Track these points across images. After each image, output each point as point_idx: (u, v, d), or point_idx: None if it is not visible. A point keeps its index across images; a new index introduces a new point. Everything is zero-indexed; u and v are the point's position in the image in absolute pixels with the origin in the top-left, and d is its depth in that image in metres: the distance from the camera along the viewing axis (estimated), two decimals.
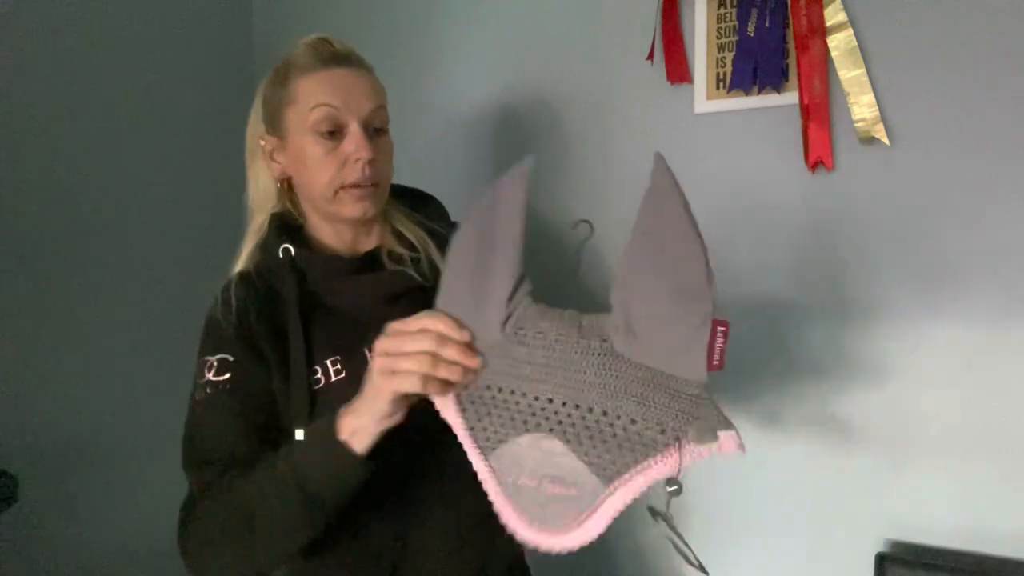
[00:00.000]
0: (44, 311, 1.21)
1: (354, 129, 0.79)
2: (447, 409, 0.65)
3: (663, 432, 0.56)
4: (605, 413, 0.58)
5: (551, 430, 0.60)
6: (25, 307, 1.19)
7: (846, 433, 1.06)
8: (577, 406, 0.59)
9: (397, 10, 1.41)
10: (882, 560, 0.99)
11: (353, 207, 0.81)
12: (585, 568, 1.30)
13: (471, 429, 0.63)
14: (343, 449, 0.66)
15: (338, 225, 0.85)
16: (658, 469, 0.56)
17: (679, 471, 0.56)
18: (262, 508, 0.70)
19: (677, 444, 0.55)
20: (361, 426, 0.66)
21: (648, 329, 0.57)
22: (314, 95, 0.78)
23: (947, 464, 1.00)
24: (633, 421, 0.57)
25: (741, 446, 0.55)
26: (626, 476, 0.56)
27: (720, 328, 0.55)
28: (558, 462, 0.59)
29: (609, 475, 0.57)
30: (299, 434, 0.75)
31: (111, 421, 1.30)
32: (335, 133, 0.79)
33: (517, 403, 0.61)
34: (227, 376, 0.78)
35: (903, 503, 1.03)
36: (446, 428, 0.66)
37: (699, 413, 0.55)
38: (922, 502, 1.02)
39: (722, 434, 0.54)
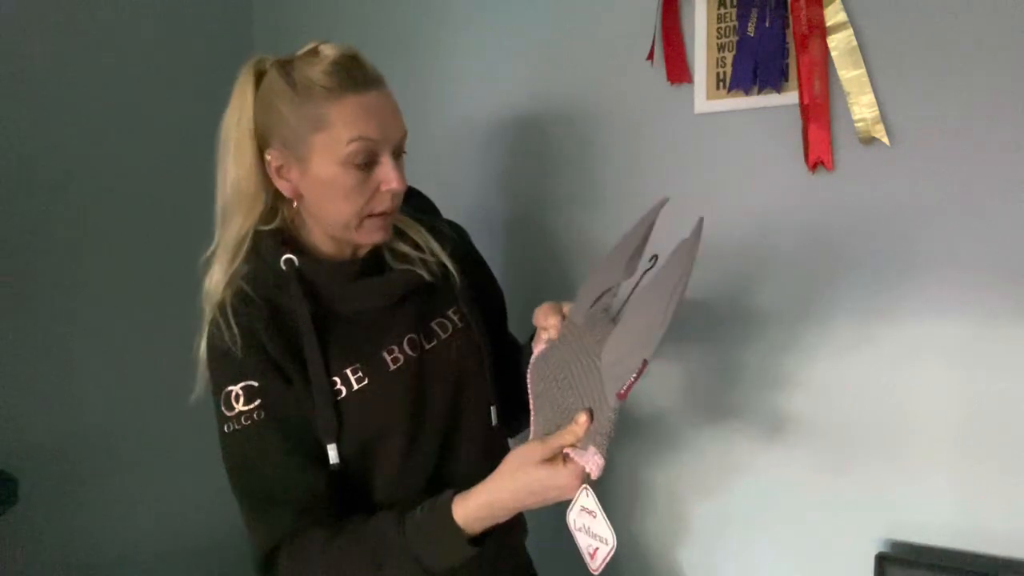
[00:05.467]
0: (44, 311, 1.21)
1: (387, 160, 0.76)
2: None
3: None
4: (565, 395, 0.75)
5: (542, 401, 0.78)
6: (25, 307, 1.19)
7: (846, 433, 1.06)
8: (558, 383, 0.76)
9: (395, 11, 1.41)
10: (882, 560, 0.99)
11: (374, 234, 0.80)
12: (585, 569, 1.30)
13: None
14: (466, 540, 0.72)
15: (336, 237, 0.83)
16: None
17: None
18: None
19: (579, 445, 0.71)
20: (501, 520, 0.74)
21: (612, 355, 0.71)
22: (351, 126, 0.73)
23: (947, 464, 1.00)
24: (567, 411, 0.73)
25: (598, 472, 0.68)
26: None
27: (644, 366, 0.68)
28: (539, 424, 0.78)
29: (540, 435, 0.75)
30: (331, 451, 0.76)
31: (111, 421, 1.31)
32: (368, 162, 0.76)
33: (554, 375, 0.77)
34: (257, 403, 0.75)
35: (903, 503, 1.03)
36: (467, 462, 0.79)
37: (598, 427, 0.69)
38: (922, 502, 1.02)
39: (592, 449, 0.68)
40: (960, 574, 0.95)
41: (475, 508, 0.72)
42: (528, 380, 0.80)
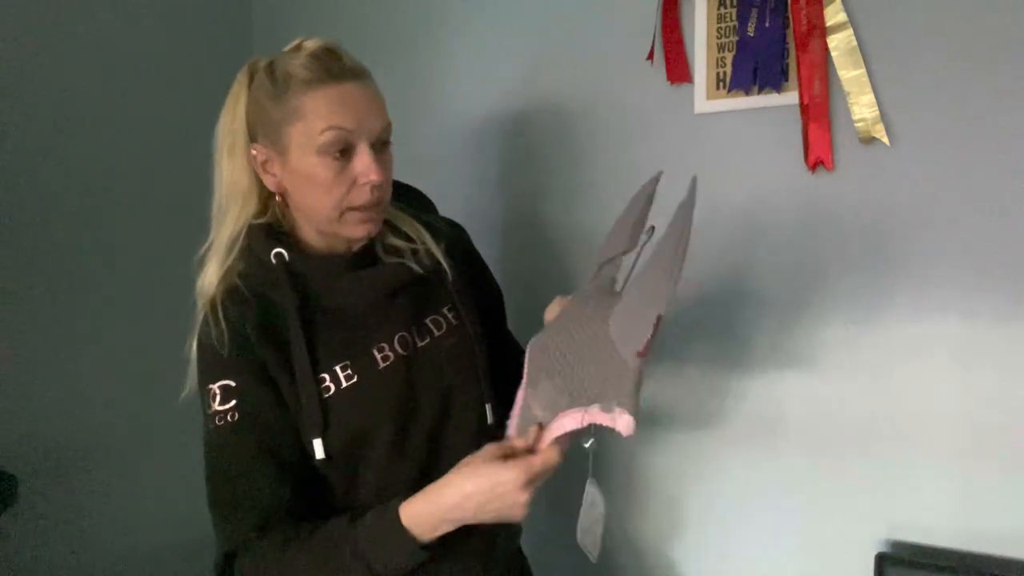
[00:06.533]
0: (44, 312, 1.21)
1: (364, 151, 0.76)
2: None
3: (590, 393, 0.71)
4: (573, 366, 0.73)
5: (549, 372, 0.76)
6: (25, 308, 1.19)
7: (846, 432, 1.06)
8: (564, 355, 0.75)
9: (395, 10, 1.41)
10: (882, 560, 0.99)
11: (357, 228, 0.79)
12: (585, 566, 1.30)
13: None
14: (415, 544, 0.71)
15: (327, 233, 0.82)
16: (572, 418, 0.70)
17: (582, 424, 0.69)
18: None
19: (588, 404, 0.69)
20: (450, 525, 0.72)
21: (622, 318, 0.71)
22: (324, 116, 0.74)
23: (947, 464, 1.00)
24: (581, 379, 0.72)
25: (629, 429, 0.66)
26: (560, 414, 0.71)
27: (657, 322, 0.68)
28: (545, 395, 0.75)
29: (554, 411, 0.72)
30: (316, 445, 0.76)
31: (111, 422, 1.31)
32: (344, 153, 0.75)
33: (551, 349, 0.76)
34: (232, 404, 0.75)
35: (903, 503, 1.03)
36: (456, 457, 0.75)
37: (620, 387, 0.68)
38: (922, 502, 1.02)
39: (618, 410, 0.66)
40: (960, 574, 0.95)
41: (420, 507, 0.71)
42: (527, 355, 0.78)
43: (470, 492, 0.70)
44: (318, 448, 0.76)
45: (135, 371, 1.34)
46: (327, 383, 0.78)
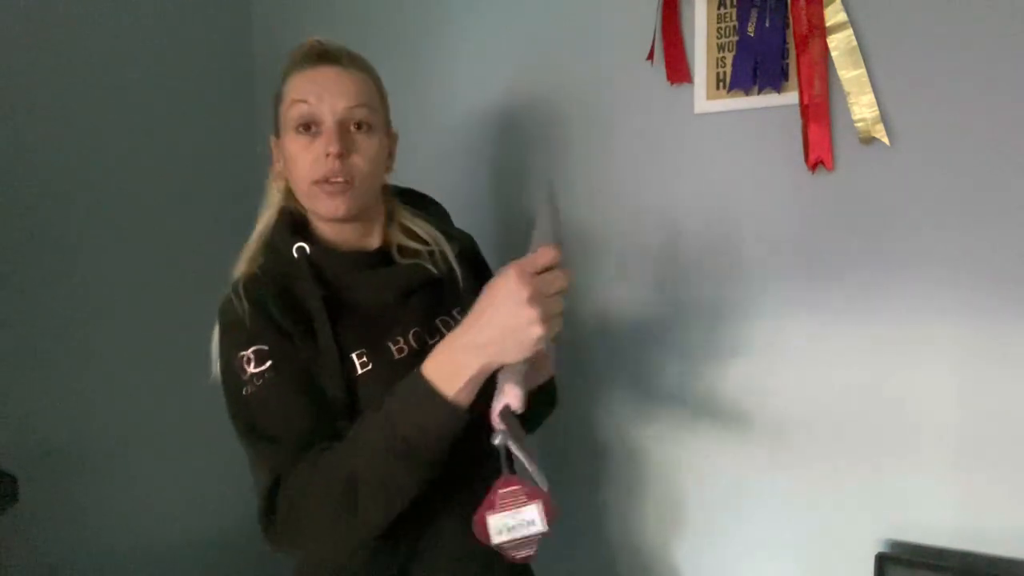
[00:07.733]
0: (44, 313, 1.21)
1: (327, 125, 0.80)
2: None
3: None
4: None
5: None
6: (26, 309, 1.19)
7: (846, 433, 1.06)
8: None
9: (396, 11, 1.41)
10: (882, 560, 0.99)
11: (325, 203, 0.81)
12: (586, 568, 1.30)
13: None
14: (440, 398, 0.68)
15: (334, 224, 0.85)
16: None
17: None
18: (364, 472, 0.70)
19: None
20: (481, 371, 0.68)
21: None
22: (294, 92, 0.80)
23: (947, 464, 1.00)
24: None
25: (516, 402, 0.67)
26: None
27: None
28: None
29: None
30: (341, 427, 0.76)
31: (111, 422, 1.31)
32: (312, 129, 0.80)
33: None
34: (269, 364, 0.77)
35: (903, 503, 1.03)
36: (467, 455, 0.74)
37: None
38: (922, 502, 1.02)
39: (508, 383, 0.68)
40: (960, 574, 0.95)
41: (438, 350, 0.70)
42: None
43: (475, 311, 0.68)
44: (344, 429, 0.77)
45: (135, 373, 1.34)
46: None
